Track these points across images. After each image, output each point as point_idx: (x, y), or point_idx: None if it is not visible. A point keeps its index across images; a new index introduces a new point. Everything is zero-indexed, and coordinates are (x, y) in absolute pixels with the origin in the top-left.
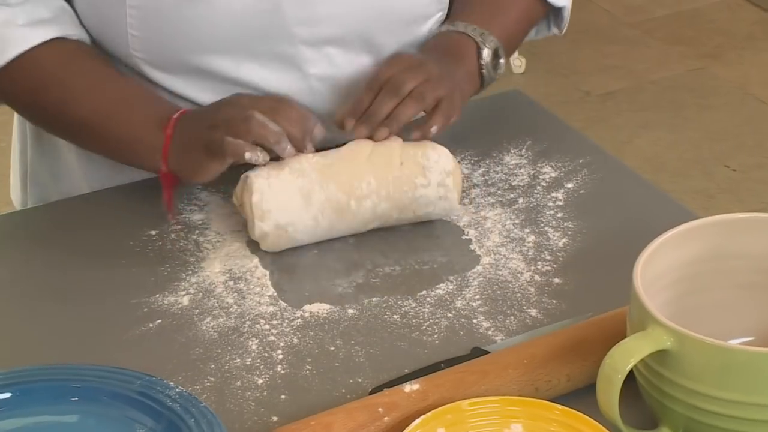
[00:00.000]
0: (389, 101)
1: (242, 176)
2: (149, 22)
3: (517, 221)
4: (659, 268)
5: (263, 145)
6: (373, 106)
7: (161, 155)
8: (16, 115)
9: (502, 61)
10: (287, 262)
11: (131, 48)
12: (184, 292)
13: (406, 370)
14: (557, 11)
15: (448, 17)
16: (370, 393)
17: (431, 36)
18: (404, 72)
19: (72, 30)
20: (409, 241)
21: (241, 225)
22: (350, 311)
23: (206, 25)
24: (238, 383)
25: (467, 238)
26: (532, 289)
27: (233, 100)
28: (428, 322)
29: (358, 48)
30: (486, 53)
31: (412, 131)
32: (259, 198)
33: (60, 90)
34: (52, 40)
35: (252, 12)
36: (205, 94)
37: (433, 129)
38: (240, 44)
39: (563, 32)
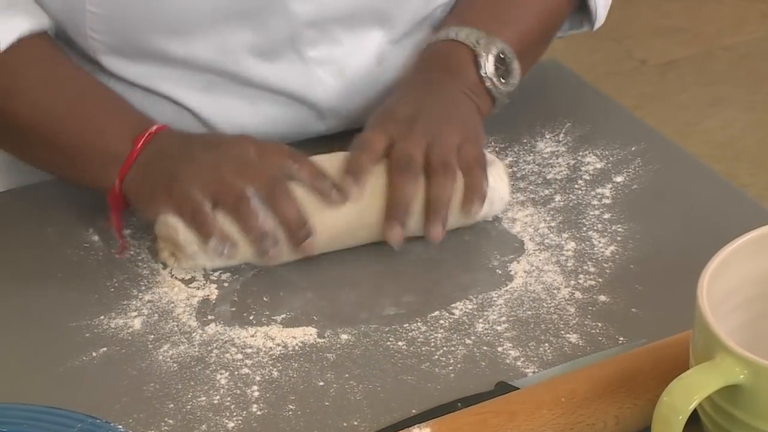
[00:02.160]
0: (409, 183)
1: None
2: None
3: (553, 224)
4: (730, 284)
5: (241, 234)
6: (394, 194)
7: (119, 169)
8: None
9: (515, 65)
10: (266, 275)
11: (89, 28)
12: (135, 313)
13: (413, 411)
14: (584, 3)
15: (450, 14)
16: None
17: (423, 49)
18: (404, 141)
19: (37, 15)
20: (417, 251)
21: None
22: (344, 337)
23: (177, 5)
24: (204, 427)
25: (491, 245)
26: (572, 310)
27: (233, 153)
28: (442, 351)
29: (368, 25)
30: (485, 62)
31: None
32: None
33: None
34: (22, 38)
35: None
36: (176, 87)
37: (480, 184)
38: (222, 25)
39: (595, 28)
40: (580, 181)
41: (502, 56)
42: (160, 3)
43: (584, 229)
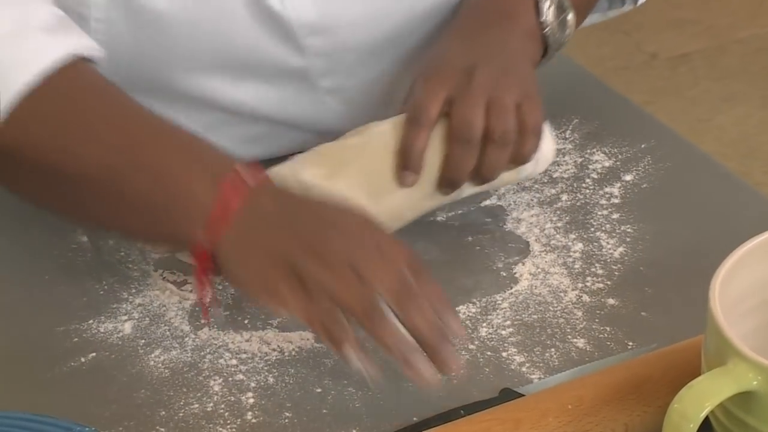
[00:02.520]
0: (468, 156)
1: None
2: (116, 28)
3: (559, 224)
4: (744, 287)
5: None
6: (452, 167)
7: (205, 222)
8: None
9: (570, 16)
10: None
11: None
12: (125, 317)
13: (414, 419)
14: None
15: None
16: None
17: None
18: (463, 104)
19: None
20: (419, 252)
21: None
22: None
23: (186, 39)
24: None
25: (495, 246)
26: (579, 313)
27: (355, 240)
28: None
29: (384, 53)
30: (546, 5)
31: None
32: None
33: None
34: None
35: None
36: (180, 119)
37: (529, 156)
38: (229, 61)
39: (639, 3)
40: (587, 180)
41: (561, 5)
42: (172, 39)
43: (592, 229)
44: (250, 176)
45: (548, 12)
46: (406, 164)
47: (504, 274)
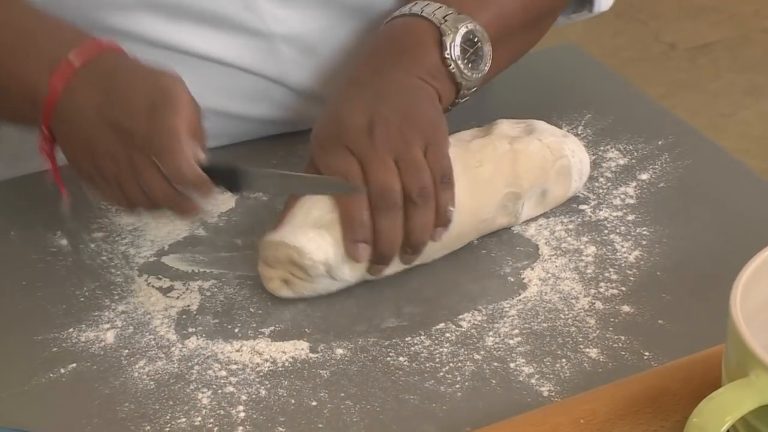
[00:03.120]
0: (397, 224)
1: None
2: None
3: (571, 226)
4: (767, 294)
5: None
6: (384, 240)
7: (41, 110)
8: None
9: (486, 48)
10: (253, 283)
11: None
12: (108, 326)
13: None
14: None
15: None
16: None
17: (382, 26)
18: (373, 168)
19: None
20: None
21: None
22: (339, 352)
23: None
24: None
25: (503, 250)
26: (592, 321)
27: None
28: (448, 367)
29: (345, 15)
30: (451, 42)
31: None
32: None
33: None
34: None
35: None
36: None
37: (446, 210)
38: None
39: (594, 12)
40: (601, 179)
41: (471, 38)
42: None
43: (606, 232)
44: (82, 56)
45: (452, 47)
46: (354, 236)
47: (512, 280)
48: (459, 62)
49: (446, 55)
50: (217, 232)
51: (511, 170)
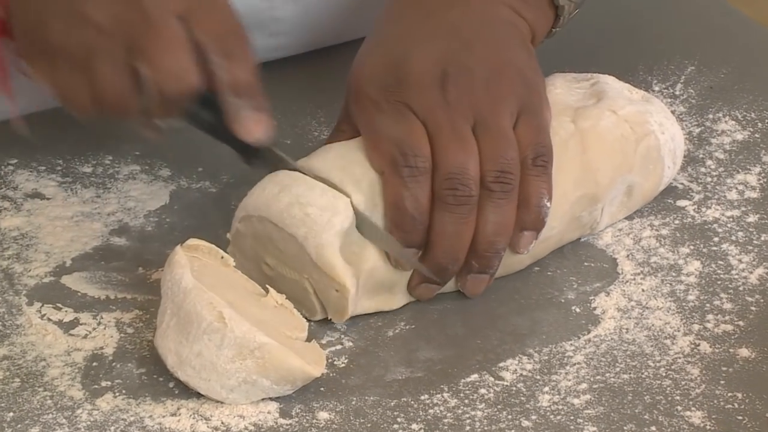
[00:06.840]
0: (459, 222)
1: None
2: None
3: (664, 232)
4: None
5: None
6: (447, 249)
7: None
8: None
9: None
10: None
11: None
12: None
13: None
14: None
15: None
16: None
17: None
18: (445, 147)
19: None
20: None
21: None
22: (323, 416)
23: None
24: None
25: (564, 266)
26: (696, 371)
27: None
28: None
29: None
30: None
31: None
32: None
33: None
34: None
35: None
36: None
37: (522, 241)
38: None
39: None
40: (709, 162)
41: None
42: None
43: (715, 239)
44: None
45: None
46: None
47: (577, 310)
48: None
49: None
50: (143, 239)
51: (581, 162)
